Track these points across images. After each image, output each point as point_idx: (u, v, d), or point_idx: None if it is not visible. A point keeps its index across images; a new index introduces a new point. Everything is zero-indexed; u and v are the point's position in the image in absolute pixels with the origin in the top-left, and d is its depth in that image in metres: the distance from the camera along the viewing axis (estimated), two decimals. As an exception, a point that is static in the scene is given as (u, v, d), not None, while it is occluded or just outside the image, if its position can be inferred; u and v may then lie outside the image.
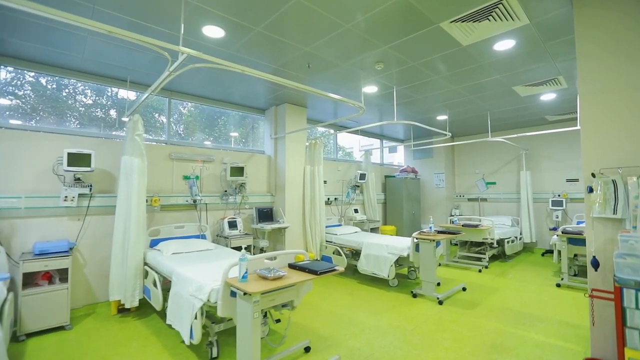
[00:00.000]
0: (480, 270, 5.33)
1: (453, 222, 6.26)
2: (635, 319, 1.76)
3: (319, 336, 2.99)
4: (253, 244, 4.65)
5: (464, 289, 4.33)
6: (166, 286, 3.08)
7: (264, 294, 2.22)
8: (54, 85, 3.85)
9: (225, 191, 4.89)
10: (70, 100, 3.96)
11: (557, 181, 6.72)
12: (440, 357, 2.60)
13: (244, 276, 2.14)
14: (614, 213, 2.15)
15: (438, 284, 4.41)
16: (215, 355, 2.56)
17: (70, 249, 3.36)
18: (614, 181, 2.17)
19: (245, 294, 2.03)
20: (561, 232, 4.61)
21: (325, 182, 6.21)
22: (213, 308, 2.38)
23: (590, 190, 2.26)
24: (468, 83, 4.34)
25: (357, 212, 6.55)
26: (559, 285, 4.48)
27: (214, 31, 2.93)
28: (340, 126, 6.78)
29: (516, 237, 6.33)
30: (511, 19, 2.76)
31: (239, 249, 4.36)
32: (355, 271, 5.04)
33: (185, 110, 5.03)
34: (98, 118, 4.15)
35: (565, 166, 6.63)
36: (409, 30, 2.97)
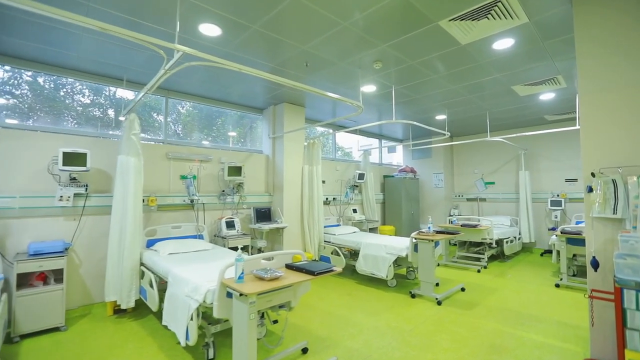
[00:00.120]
0: (479, 271, 5.31)
1: (452, 222, 6.24)
2: (635, 320, 1.74)
3: (317, 337, 2.96)
4: (251, 244, 4.63)
5: (462, 289, 4.31)
6: (162, 287, 3.05)
7: (261, 295, 2.20)
8: (51, 85, 3.82)
9: (223, 191, 4.86)
10: (67, 100, 3.92)
11: (556, 181, 6.71)
12: (438, 358, 2.58)
13: (240, 277, 2.11)
14: (614, 213, 2.13)
15: (437, 284, 4.38)
16: (211, 356, 2.53)
17: (65, 249, 3.32)
18: (613, 181, 2.15)
19: (241, 295, 2.00)
20: (560, 232, 4.59)
21: (323, 182, 6.19)
22: (209, 309, 2.35)
23: (590, 190, 2.24)
24: (467, 82, 4.32)
25: (356, 212, 6.53)
26: (557, 285, 4.46)
27: (210, 29, 2.90)
28: (339, 126, 6.76)
29: (515, 237, 6.32)
30: (510, 17, 2.74)
31: (236, 249, 4.33)
32: (353, 271, 5.01)
33: (184, 110, 5.00)
34: (95, 118, 4.12)
35: (564, 166, 6.62)
36: (407, 29, 2.95)
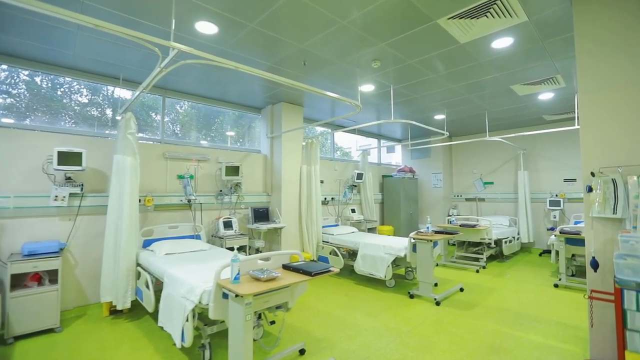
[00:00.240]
0: (477, 271, 5.29)
1: (451, 222, 6.22)
2: (636, 322, 1.72)
3: (314, 338, 2.94)
4: (249, 244, 4.59)
5: (461, 289, 4.29)
6: (159, 287, 3.01)
7: (257, 296, 2.17)
8: (48, 85, 3.78)
9: (221, 191, 4.83)
10: (65, 100, 3.89)
11: (555, 181, 6.70)
12: (437, 360, 2.56)
13: (236, 277, 2.08)
14: (614, 213, 2.11)
15: (435, 285, 4.36)
16: (207, 358, 2.50)
17: (60, 250, 3.29)
18: (613, 180, 2.13)
19: (237, 296, 1.97)
20: (559, 232, 4.58)
21: (322, 182, 6.16)
22: (205, 310, 2.32)
23: (590, 189, 2.22)
24: (466, 82, 4.30)
25: (354, 212, 6.50)
26: (556, 285, 4.45)
27: (207, 27, 2.87)
28: (337, 125, 6.73)
29: (514, 237, 6.30)
30: (509, 15, 2.72)
31: (234, 249, 4.30)
32: (352, 272, 4.99)
33: (182, 110, 4.96)
34: (92, 117, 4.08)
35: (562, 166, 6.61)
36: (406, 27, 2.92)
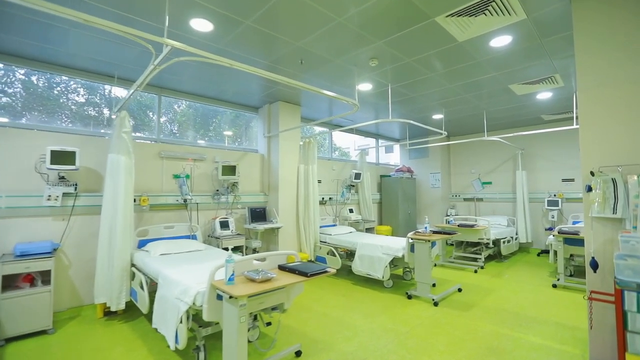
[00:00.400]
0: (476, 271, 5.27)
1: (449, 222, 6.20)
2: (636, 323, 1.69)
3: (311, 339, 2.90)
4: (245, 244, 4.55)
5: (459, 290, 4.26)
6: (154, 288, 2.97)
7: (252, 297, 2.13)
8: (45, 83, 3.73)
9: (217, 190, 4.78)
10: (61, 99, 3.83)
11: (553, 181, 6.69)
12: (435, 361, 2.53)
13: (230, 278, 2.04)
14: (614, 212, 2.09)
15: (433, 285, 4.33)
16: (202, 360, 2.46)
17: (53, 250, 3.24)
18: (613, 180, 2.11)
19: (231, 297, 1.94)
20: (557, 232, 4.56)
21: (319, 182, 6.12)
22: (200, 311, 2.28)
23: (589, 189, 2.19)
24: (464, 81, 4.27)
25: (352, 212, 6.47)
26: (555, 285, 4.43)
27: (202, 24, 2.83)
28: (335, 125, 6.70)
29: (512, 237, 6.28)
30: (508, 13, 2.69)
31: (232, 249, 4.26)
32: (349, 272, 4.95)
33: (180, 110, 4.91)
34: (88, 116, 4.03)
35: (560, 166, 6.60)
36: (404, 25, 2.89)
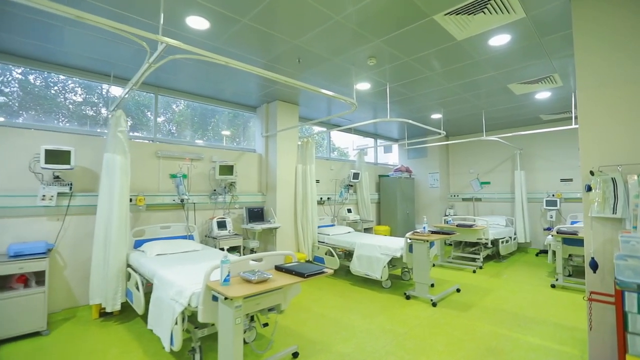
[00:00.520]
0: (474, 271, 5.25)
1: (447, 222, 6.18)
2: (637, 324, 1.67)
3: (308, 340, 2.87)
4: (243, 244, 4.52)
5: (458, 290, 4.24)
6: (149, 289, 2.93)
7: (248, 298, 2.11)
8: (41, 83, 3.69)
9: (214, 190, 4.75)
10: (59, 98, 3.79)
11: (551, 181, 6.68)
12: (433, 363, 2.50)
13: (225, 279, 2.01)
14: (614, 212, 2.07)
15: (432, 285, 4.31)
16: (198, 362, 2.43)
17: (48, 251, 3.20)
18: (613, 179, 2.09)
19: (226, 298, 1.91)
20: (556, 232, 4.55)
21: (317, 182, 6.09)
22: (196, 312, 2.25)
23: (589, 188, 2.17)
24: (463, 80, 4.25)
25: (351, 212, 6.44)
26: (553, 286, 4.41)
27: (198, 22, 2.79)
28: (333, 124, 6.67)
29: (510, 237, 6.27)
30: (507, 11, 2.66)
31: (229, 249, 4.23)
32: (347, 272, 4.93)
33: (178, 110, 4.87)
34: (84, 116, 3.99)
35: (559, 166, 6.59)
36: (402, 24, 2.86)
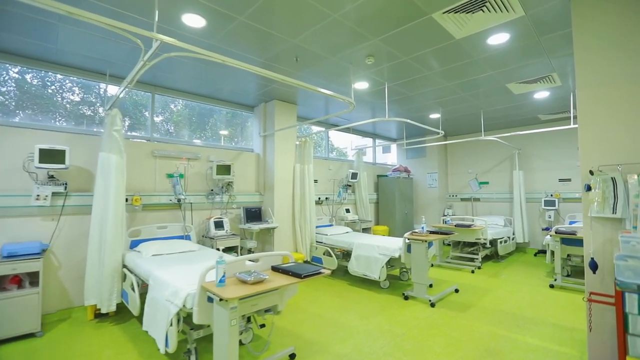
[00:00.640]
0: (473, 271, 5.24)
1: (446, 222, 6.16)
2: (637, 326, 1.65)
3: (306, 341, 2.84)
4: (240, 244, 4.49)
5: (456, 290, 4.22)
6: (145, 290, 2.90)
7: (244, 299, 2.08)
8: (38, 82, 3.65)
9: (212, 190, 4.71)
10: (55, 97, 3.75)
11: (550, 181, 6.67)
12: (431, 364, 2.48)
13: (221, 280, 1.98)
14: (613, 212, 2.05)
15: (430, 286, 4.29)
16: (193, 364, 2.40)
17: (42, 251, 3.15)
18: (613, 179, 2.07)
19: (221, 299, 1.88)
20: (554, 232, 4.53)
21: (315, 182, 6.07)
22: (191, 314, 2.22)
23: (588, 188, 2.15)
24: (461, 80, 4.23)
25: (349, 212, 6.42)
26: (552, 286, 4.40)
27: (194, 20, 2.76)
28: (332, 124, 6.64)
29: (509, 237, 6.26)
30: (506, 10, 2.64)
31: (226, 250, 4.20)
32: (345, 272, 4.90)
33: (176, 110, 4.84)
34: (81, 115, 3.95)
35: (557, 166, 6.59)
36: (400, 22, 2.84)
